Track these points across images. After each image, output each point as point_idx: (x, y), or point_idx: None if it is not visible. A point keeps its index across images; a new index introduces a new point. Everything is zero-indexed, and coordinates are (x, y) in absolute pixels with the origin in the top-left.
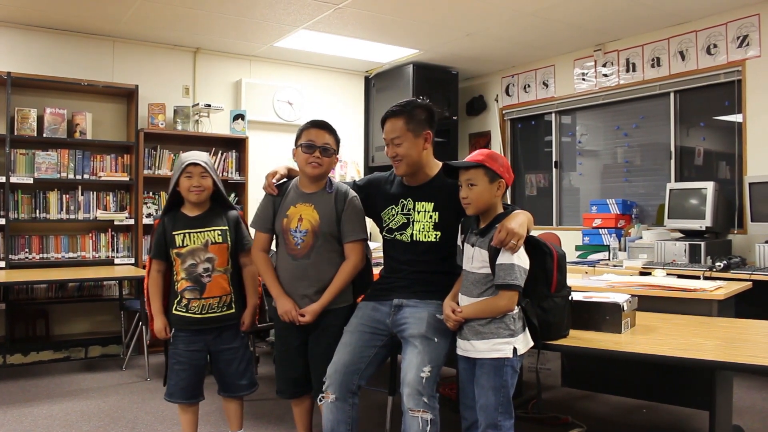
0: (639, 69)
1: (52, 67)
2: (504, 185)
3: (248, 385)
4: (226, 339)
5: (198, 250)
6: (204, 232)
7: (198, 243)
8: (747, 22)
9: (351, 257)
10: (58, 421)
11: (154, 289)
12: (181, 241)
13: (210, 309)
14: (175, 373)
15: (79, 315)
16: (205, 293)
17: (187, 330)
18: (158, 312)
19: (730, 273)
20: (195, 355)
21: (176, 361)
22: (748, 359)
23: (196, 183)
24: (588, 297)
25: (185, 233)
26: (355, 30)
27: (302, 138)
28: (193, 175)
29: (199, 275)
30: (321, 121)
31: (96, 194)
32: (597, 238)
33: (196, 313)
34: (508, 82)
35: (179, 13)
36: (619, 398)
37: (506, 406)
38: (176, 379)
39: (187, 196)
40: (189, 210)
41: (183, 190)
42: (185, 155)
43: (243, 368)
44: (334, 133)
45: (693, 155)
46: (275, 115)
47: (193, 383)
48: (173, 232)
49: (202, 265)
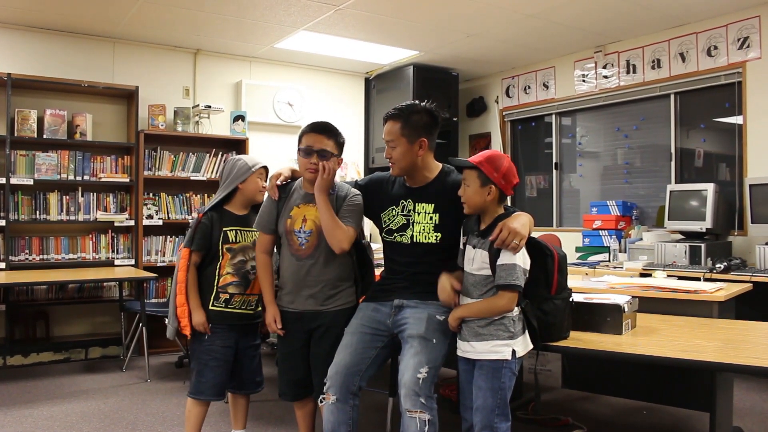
0: (639, 70)
1: (53, 69)
2: (495, 191)
3: (261, 382)
4: (251, 336)
5: (248, 248)
6: (253, 231)
7: (248, 241)
8: (747, 23)
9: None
10: (58, 422)
11: (193, 282)
12: (234, 237)
13: (249, 305)
14: (209, 369)
15: (79, 316)
16: (249, 290)
17: (222, 325)
18: (198, 306)
19: (731, 275)
20: (229, 352)
21: (212, 357)
22: (748, 361)
23: (264, 184)
24: (589, 298)
25: (237, 230)
26: (356, 31)
27: (302, 142)
28: (263, 177)
29: (248, 272)
30: (320, 124)
31: (96, 195)
32: (597, 239)
33: (236, 308)
34: (508, 83)
35: (179, 14)
36: (619, 400)
37: (503, 408)
38: (210, 375)
39: (253, 196)
40: (236, 209)
41: (251, 190)
42: (249, 158)
43: (259, 366)
44: (334, 135)
45: (693, 157)
46: (275, 117)
47: (224, 380)
48: (224, 227)
49: (251, 263)
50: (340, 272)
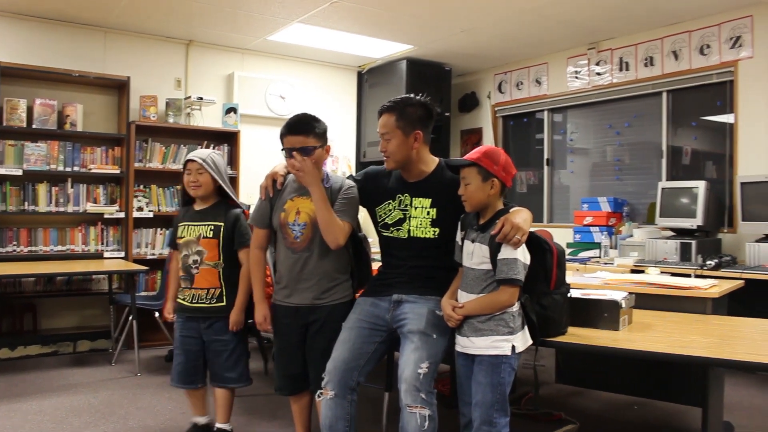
0: (632, 68)
1: (43, 58)
2: (498, 184)
3: (236, 378)
4: (217, 330)
5: (191, 243)
6: (199, 225)
7: (192, 236)
8: (740, 23)
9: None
10: (48, 416)
11: (172, 273)
12: (181, 233)
13: (199, 299)
14: (175, 356)
15: (68, 309)
16: (194, 284)
17: (181, 316)
18: (170, 297)
19: (721, 271)
20: (188, 341)
21: (177, 345)
22: (744, 356)
23: (193, 179)
24: (586, 294)
25: (185, 225)
26: (350, 24)
27: (282, 143)
28: (191, 172)
29: (189, 266)
30: (294, 123)
31: (86, 187)
32: (588, 235)
33: (186, 300)
34: (500, 79)
35: (172, 4)
36: (610, 395)
37: (502, 403)
38: (174, 362)
39: (188, 191)
40: (198, 204)
41: (185, 186)
42: (191, 153)
43: (232, 362)
44: (310, 130)
45: (682, 154)
46: (268, 109)
47: (188, 369)
48: (178, 223)
49: (192, 257)
50: (337, 264)
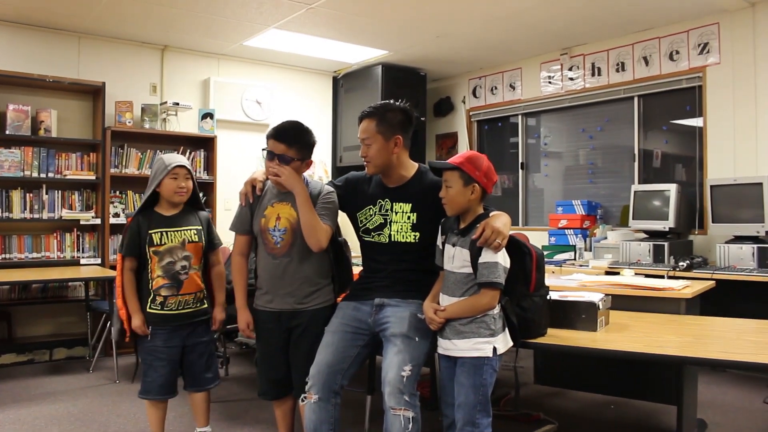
0: (604, 73)
1: (16, 63)
2: (479, 190)
3: (212, 378)
4: (199, 333)
5: (175, 249)
6: (181, 230)
7: (176, 241)
8: (707, 30)
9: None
10: (26, 425)
11: (129, 287)
12: (159, 239)
13: (186, 305)
14: (153, 369)
15: (44, 317)
16: (182, 290)
17: (165, 327)
18: (137, 310)
19: (693, 272)
20: (173, 351)
21: (155, 357)
22: (716, 355)
23: (182, 184)
24: (564, 296)
25: (163, 232)
26: (327, 30)
27: (266, 144)
28: (179, 177)
29: (177, 272)
30: (282, 130)
31: (61, 193)
32: (563, 238)
33: (172, 309)
34: (475, 83)
35: (147, 9)
36: (587, 395)
37: (484, 404)
38: (154, 375)
39: (170, 197)
40: (164, 210)
41: (167, 191)
42: (168, 157)
43: (210, 361)
44: (296, 142)
45: (653, 158)
46: (244, 115)
47: (171, 379)
48: (149, 230)
49: (180, 263)
50: (318, 269)
